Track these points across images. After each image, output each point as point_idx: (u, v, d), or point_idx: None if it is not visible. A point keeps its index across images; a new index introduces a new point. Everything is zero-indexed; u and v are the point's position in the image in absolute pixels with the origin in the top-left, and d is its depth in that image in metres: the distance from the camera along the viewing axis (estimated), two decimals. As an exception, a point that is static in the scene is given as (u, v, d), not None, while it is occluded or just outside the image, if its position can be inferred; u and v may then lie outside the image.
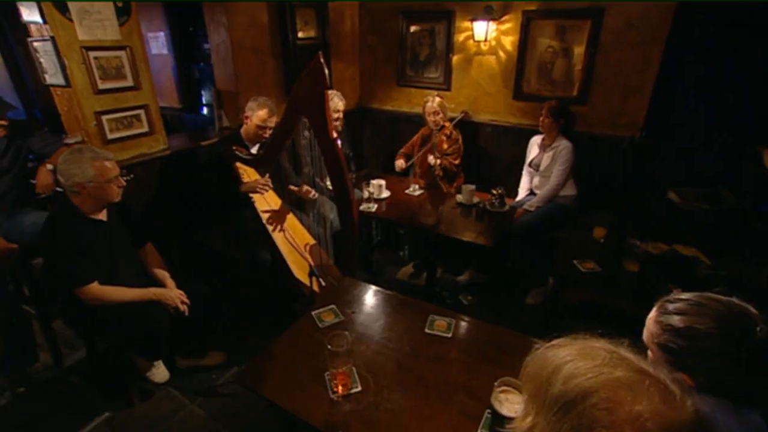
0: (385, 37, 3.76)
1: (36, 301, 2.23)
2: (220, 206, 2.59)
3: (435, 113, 3.09)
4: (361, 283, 1.83)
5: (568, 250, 2.21)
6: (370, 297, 1.77)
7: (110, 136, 2.30)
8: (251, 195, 2.39)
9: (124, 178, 1.86)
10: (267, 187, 2.37)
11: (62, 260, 1.74)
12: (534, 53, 3.11)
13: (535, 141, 3.06)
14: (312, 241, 2.57)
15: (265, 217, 2.41)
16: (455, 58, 3.46)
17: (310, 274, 2.20)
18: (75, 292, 1.77)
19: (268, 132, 2.50)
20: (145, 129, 2.46)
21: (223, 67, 2.97)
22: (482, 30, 3.13)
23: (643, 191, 2.72)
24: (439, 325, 1.56)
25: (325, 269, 2.45)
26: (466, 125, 3.52)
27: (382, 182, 2.70)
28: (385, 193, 2.72)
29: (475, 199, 2.64)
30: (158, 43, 4.56)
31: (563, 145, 2.82)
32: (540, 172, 2.96)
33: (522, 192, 3.19)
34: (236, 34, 2.84)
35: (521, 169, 3.20)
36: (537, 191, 3.04)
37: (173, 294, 1.97)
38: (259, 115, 2.43)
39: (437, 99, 3.11)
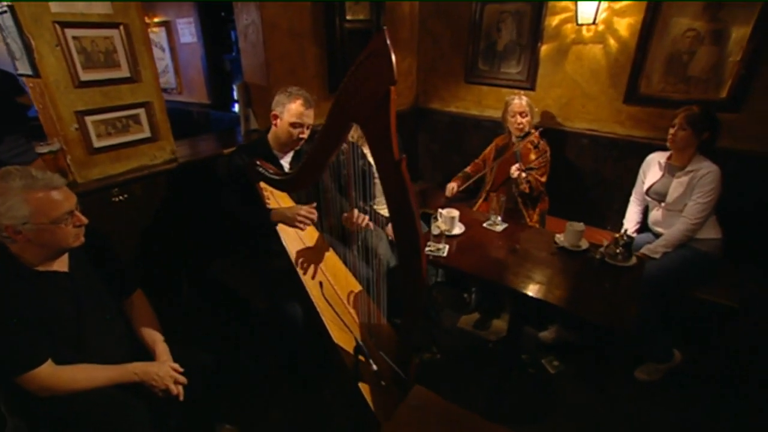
0: (452, 22, 3.05)
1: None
2: (236, 238, 1.98)
3: (522, 114, 2.44)
4: (440, 403, 1.13)
5: (749, 335, 1.44)
6: None
7: (97, 143, 1.71)
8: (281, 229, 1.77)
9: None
10: (310, 221, 1.73)
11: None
12: (664, 39, 2.30)
13: (655, 159, 2.26)
14: (357, 288, 1.91)
15: (295, 256, 1.78)
16: (544, 48, 2.70)
17: (356, 351, 1.55)
18: (15, 381, 1.20)
19: (306, 132, 1.88)
20: (146, 134, 1.87)
21: (252, 55, 2.36)
22: (590, 10, 2.36)
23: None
24: None
25: (374, 330, 1.79)
26: (552, 135, 2.76)
27: (455, 213, 1.97)
28: (458, 228, 2.00)
29: (584, 244, 1.89)
30: (188, 31, 4.05)
31: (705, 168, 2.03)
32: (667, 204, 2.16)
33: (629, 226, 2.41)
34: (269, 13, 2.22)
35: (628, 195, 2.43)
36: (657, 229, 2.26)
37: (162, 372, 1.39)
38: (291, 109, 1.81)
39: (525, 97, 2.46)
